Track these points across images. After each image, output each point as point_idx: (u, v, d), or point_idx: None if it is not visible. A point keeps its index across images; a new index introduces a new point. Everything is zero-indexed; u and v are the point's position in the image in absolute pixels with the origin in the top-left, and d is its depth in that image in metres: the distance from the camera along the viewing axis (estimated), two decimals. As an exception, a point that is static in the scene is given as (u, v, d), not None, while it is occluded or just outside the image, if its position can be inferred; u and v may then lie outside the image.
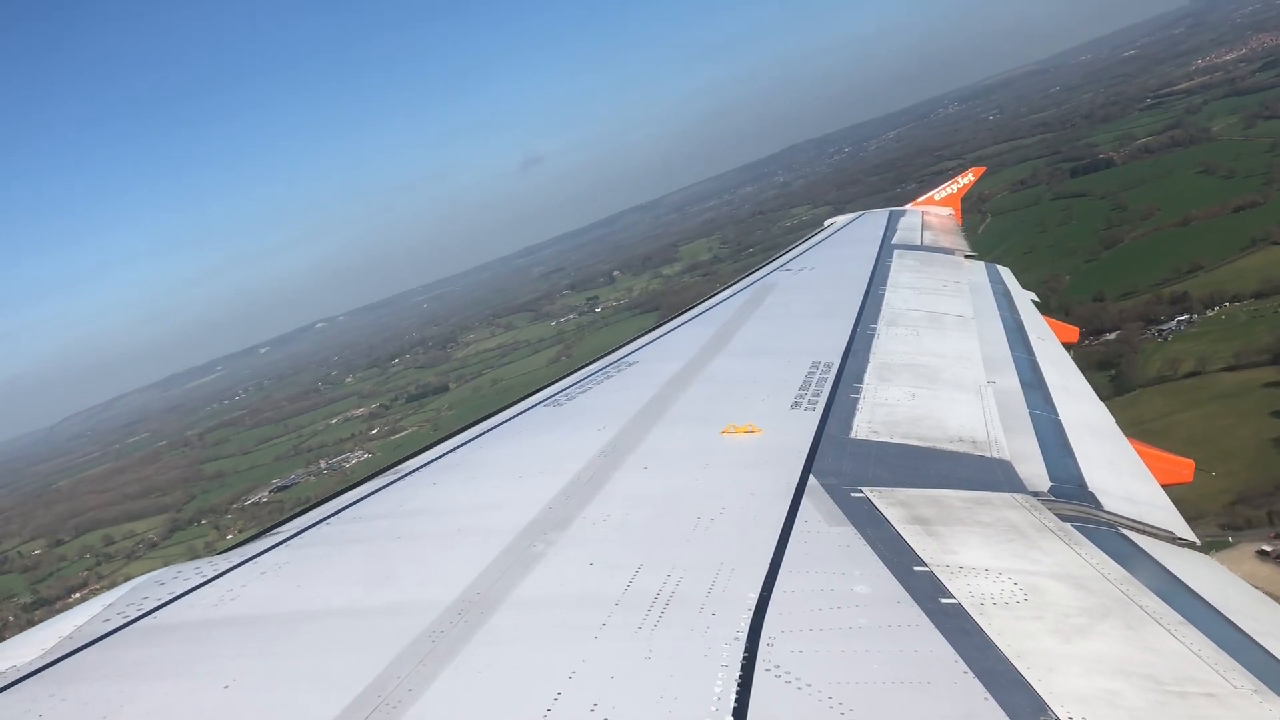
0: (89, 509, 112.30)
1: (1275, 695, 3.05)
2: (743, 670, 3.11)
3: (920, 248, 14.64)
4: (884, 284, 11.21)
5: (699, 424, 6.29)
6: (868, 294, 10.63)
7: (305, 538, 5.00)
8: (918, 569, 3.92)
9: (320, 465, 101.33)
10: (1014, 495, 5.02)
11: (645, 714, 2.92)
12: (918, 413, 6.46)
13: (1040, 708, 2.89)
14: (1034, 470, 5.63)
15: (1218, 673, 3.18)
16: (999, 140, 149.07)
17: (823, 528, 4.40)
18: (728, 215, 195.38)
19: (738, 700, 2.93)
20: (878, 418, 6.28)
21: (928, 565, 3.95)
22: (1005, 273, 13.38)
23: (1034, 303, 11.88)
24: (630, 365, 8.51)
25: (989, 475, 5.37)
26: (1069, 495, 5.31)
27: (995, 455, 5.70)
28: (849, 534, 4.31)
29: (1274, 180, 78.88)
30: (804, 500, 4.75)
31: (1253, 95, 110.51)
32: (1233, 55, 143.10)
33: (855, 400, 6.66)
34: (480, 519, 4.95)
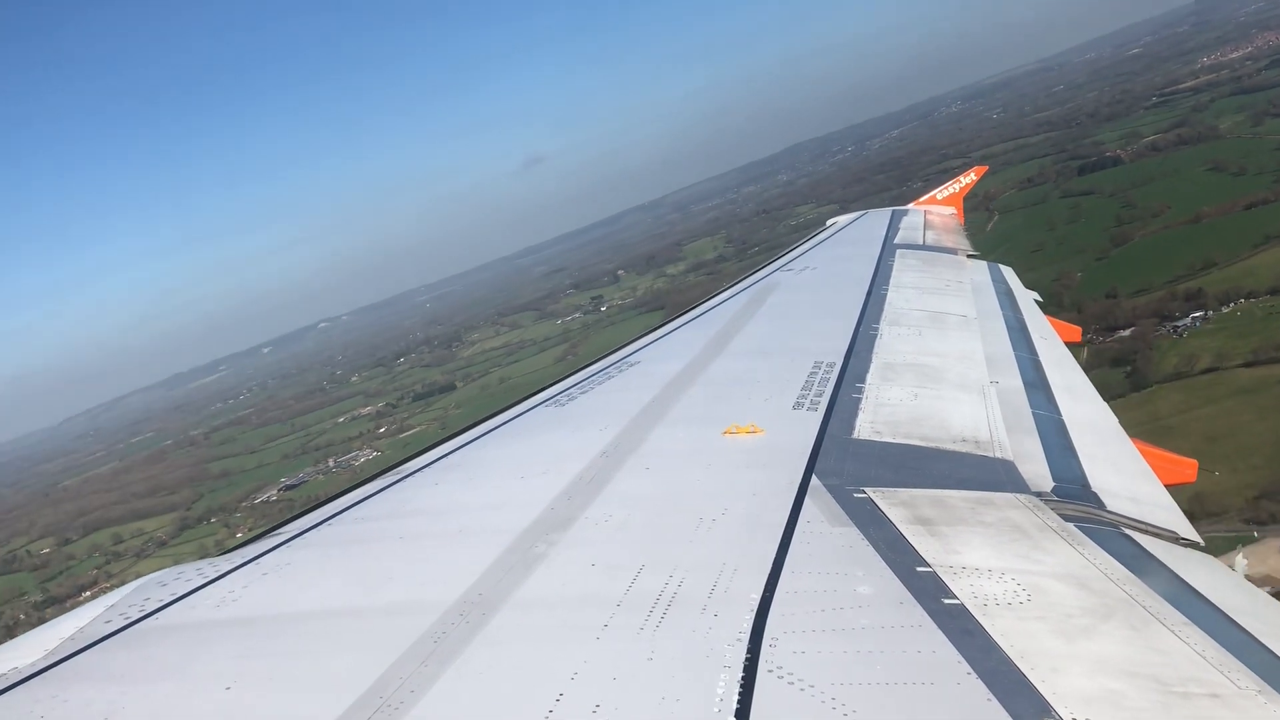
0: (96, 508, 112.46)
1: (1279, 696, 3.04)
2: (745, 671, 3.10)
3: (923, 247, 14.62)
4: (886, 283, 11.20)
5: (701, 424, 6.28)
6: (870, 293, 10.61)
7: (307, 538, 5.00)
8: (921, 570, 3.92)
9: (329, 464, 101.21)
10: (1017, 495, 5.00)
11: (647, 715, 2.91)
12: (920, 413, 6.44)
13: (1044, 709, 2.88)
14: (1037, 470, 5.62)
15: (1221, 673, 3.17)
16: (1004, 139, 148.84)
17: (825, 528, 4.40)
18: (731, 214, 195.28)
19: (740, 701, 2.92)
20: (880, 418, 6.27)
21: (931, 566, 3.95)
22: (1008, 272, 13.36)
23: (1036, 302, 11.86)
24: (632, 365, 8.50)
25: (992, 475, 5.36)
26: (1072, 495, 5.30)
27: (998, 455, 5.69)
28: (851, 534, 4.31)
29: (1286, 178, 78.76)
30: (806, 501, 4.74)
31: (1260, 93, 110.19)
32: (1238, 53, 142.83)
33: (858, 400, 6.64)
34: (482, 519, 4.94)
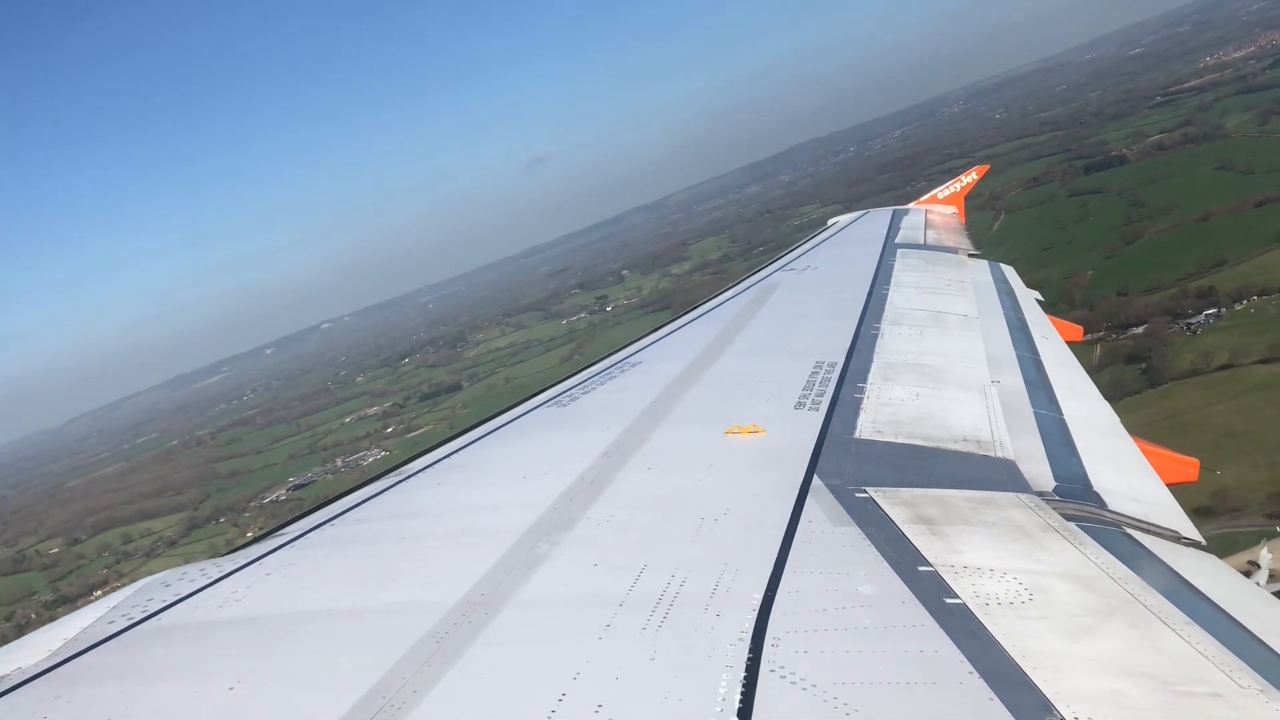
0: (105, 508, 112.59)
1: None
2: (747, 671, 3.11)
3: (924, 246, 14.60)
4: (888, 283, 11.19)
5: (703, 424, 6.28)
6: (871, 293, 10.60)
7: (310, 539, 5.01)
8: (922, 569, 3.91)
9: (337, 463, 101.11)
10: (1019, 495, 5.00)
11: (650, 715, 2.92)
12: (922, 412, 6.44)
13: (1046, 708, 2.88)
14: (1039, 470, 5.62)
15: (1224, 672, 3.16)
16: (1008, 138, 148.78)
17: (827, 528, 4.40)
18: (734, 214, 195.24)
19: (742, 701, 2.93)
20: (882, 417, 6.26)
21: (932, 565, 3.94)
22: (1009, 271, 13.35)
23: (1038, 301, 11.85)
24: (634, 365, 8.50)
25: (993, 475, 5.35)
26: (1074, 495, 5.29)
27: (1000, 455, 5.68)
28: (853, 534, 4.31)
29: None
30: (808, 500, 4.74)
31: (1265, 92, 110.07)
32: (1242, 53, 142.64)
33: (859, 400, 6.64)
34: (484, 520, 4.95)
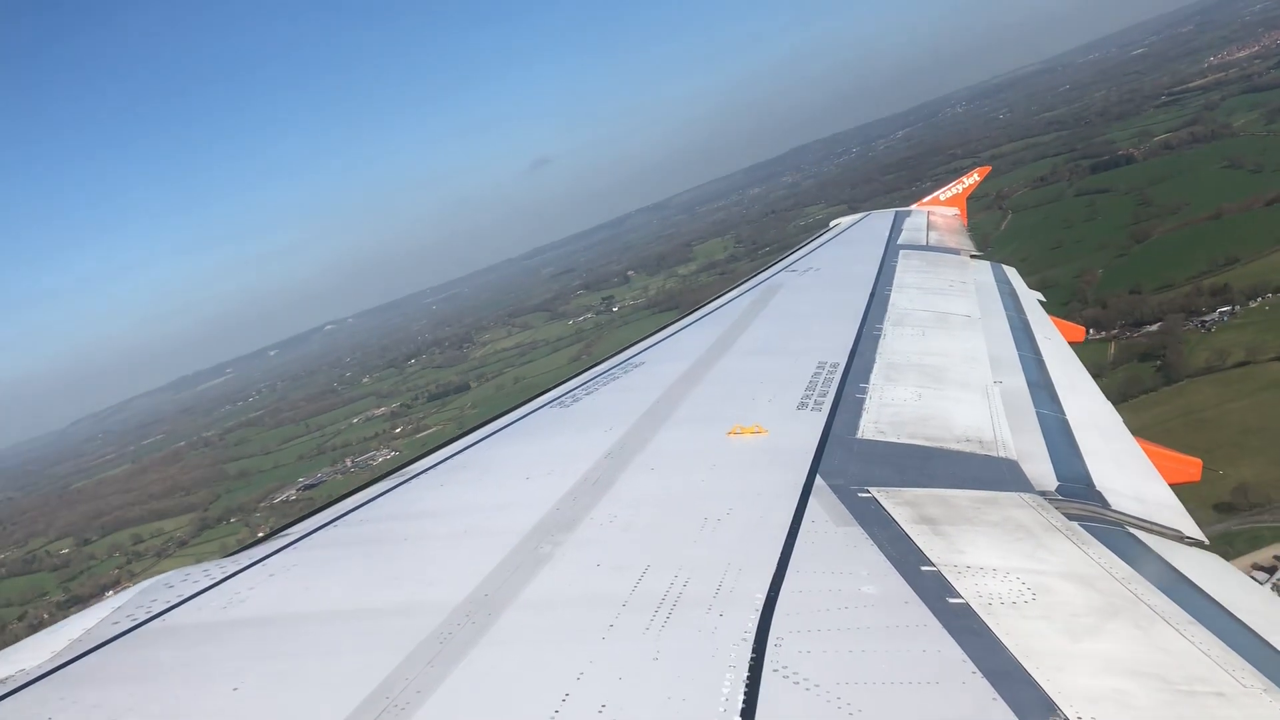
0: (114, 509, 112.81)
1: None
2: (750, 671, 3.11)
3: (926, 248, 14.60)
4: (890, 284, 11.19)
5: (705, 425, 6.29)
6: (873, 294, 10.60)
7: (313, 540, 5.01)
8: (925, 569, 3.91)
9: (347, 463, 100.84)
10: (1021, 495, 5.00)
11: (653, 715, 2.92)
12: (924, 412, 6.44)
13: (1049, 708, 2.88)
14: (1041, 469, 5.62)
15: (1227, 672, 3.16)
16: (1013, 139, 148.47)
17: (830, 528, 4.40)
18: (738, 215, 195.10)
19: (746, 701, 2.93)
20: (884, 418, 6.26)
21: (935, 565, 3.94)
22: (1011, 272, 13.35)
23: (1040, 302, 11.85)
24: (637, 366, 8.51)
25: (996, 475, 5.35)
26: (1076, 494, 5.29)
27: (1002, 455, 5.68)
28: (856, 534, 4.31)
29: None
30: (811, 500, 4.74)
31: (1271, 91, 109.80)
32: (1246, 52, 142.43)
33: (862, 400, 6.64)
34: (487, 520, 4.95)
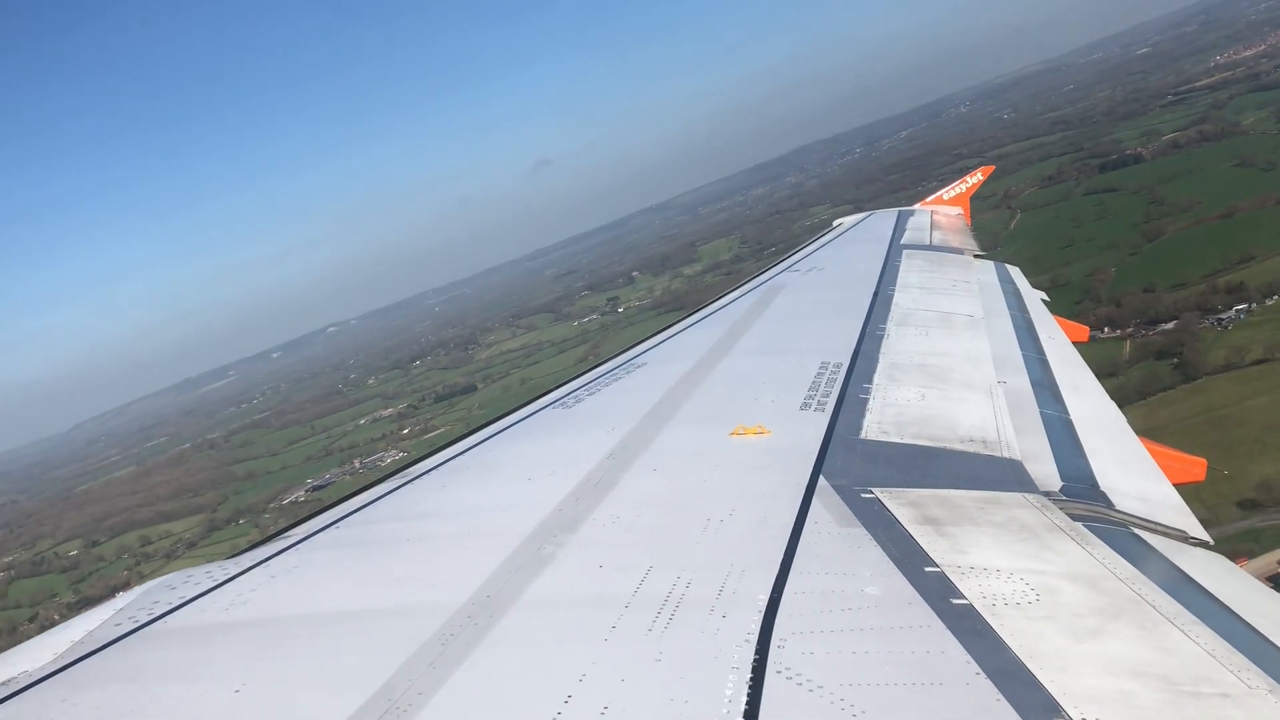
0: (122, 510, 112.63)
1: None
2: (753, 672, 3.10)
3: (929, 247, 14.59)
4: (893, 284, 11.18)
5: (708, 425, 6.28)
6: (877, 294, 10.59)
7: (315, 541, 5.01)
8: (929, 569, 3.91)
9: (355, 464, 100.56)
10: (1025, 495, 4.99)
11: (656, 716, 2.91)
12: (928, 413, 6.43)
13: (1053, 708, 2.87)
14: (1045, 470, 5.60)
15: (1232, 672, 3.15)
16: (1018, 139, 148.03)
17: (833, 528, 4.39)
18: (742, 216, 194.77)
19: (749, 703, 2.92)
20: (888, 418, 6.25)
21: (939, 566, 3.94)
22: (1015, 272, 13.33)
23: (1044, 302, 11.83)
24: (639, 366, 8.51)
25: (1000, 475, 5.34)
26: (1080, 495, 5.28)
27: (1006, 455, 5.67)
28: (859, 535, 4.30)
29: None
30: (814, 501, 4.73)
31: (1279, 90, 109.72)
32: (1252, 51, 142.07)
33: (865, 400, 6.63)
34: (490, 521, 4.95)
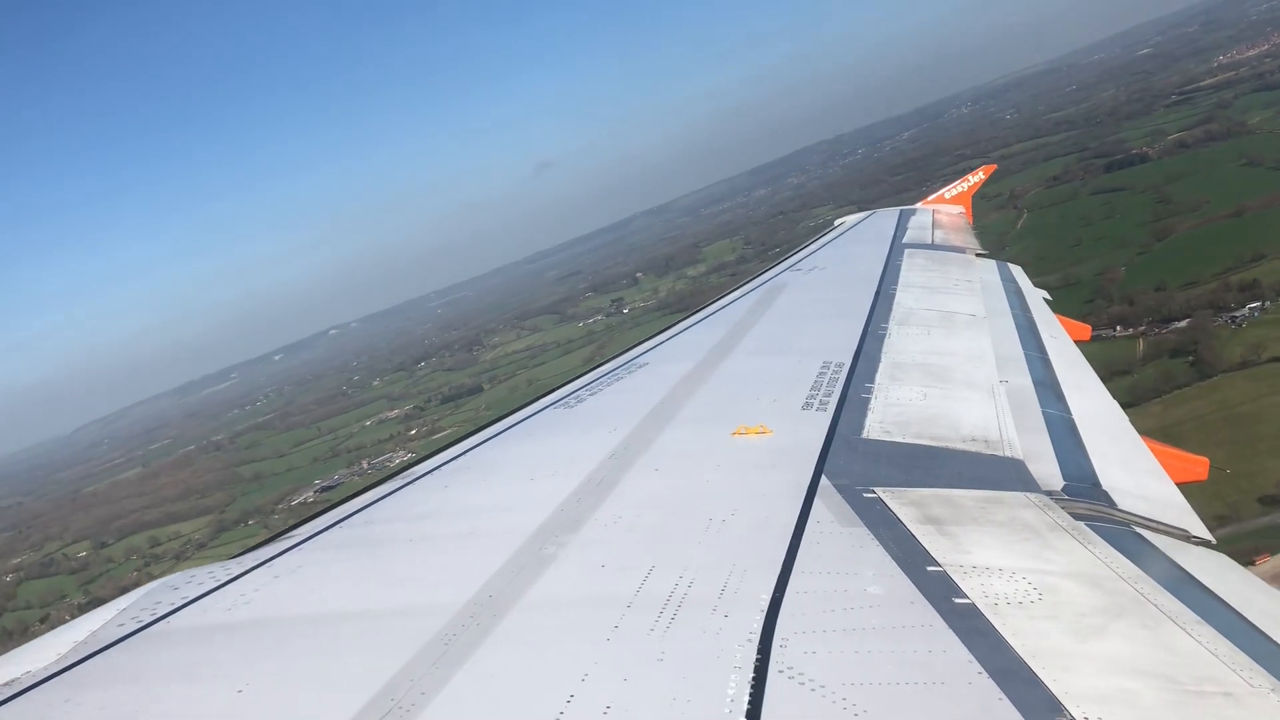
0: (129, 512, 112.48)
1: None
2: (756, 672, 3.10)
3: (931, 246, 14.58)
4: (895, 283, 11.17)
5: (710, 425, 6.28)
6: (878, 293, 10.58)
7: (318, 541, 5.02)
8: (931, 569, 3.90)
9: (363, 465, 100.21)
10: (1027, 494, 4.99)
11: (658, 716, 2.91)
12: (930, 412, 6.42)
13: (1056, 708, 2.87)
14: (1047, 469, 5.60)
15: (1235, 672, 3.15)
16: (1022, 139, 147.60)
17: (835, 528, 4.39)
18: (744, 217, 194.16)
19: (751, 702, 2.92)
20: (889, 417, 6.25)
21: (941, 565, 3.93)
22: (1017, 271, 13.32)
23: (1046, 300, 11.82)
24: (641, 366, 8.51)
25: (1002, 474, 5.34)
26: (1083, 494, 5.27)
27: (1008, 454, 5.67)
28: (861, 534, 4.30)
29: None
30: (816, 501, 4.73)
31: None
32: (1256, 51, 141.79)
33: (867, 400, 6.63)
34: (492, 521, 4.95)
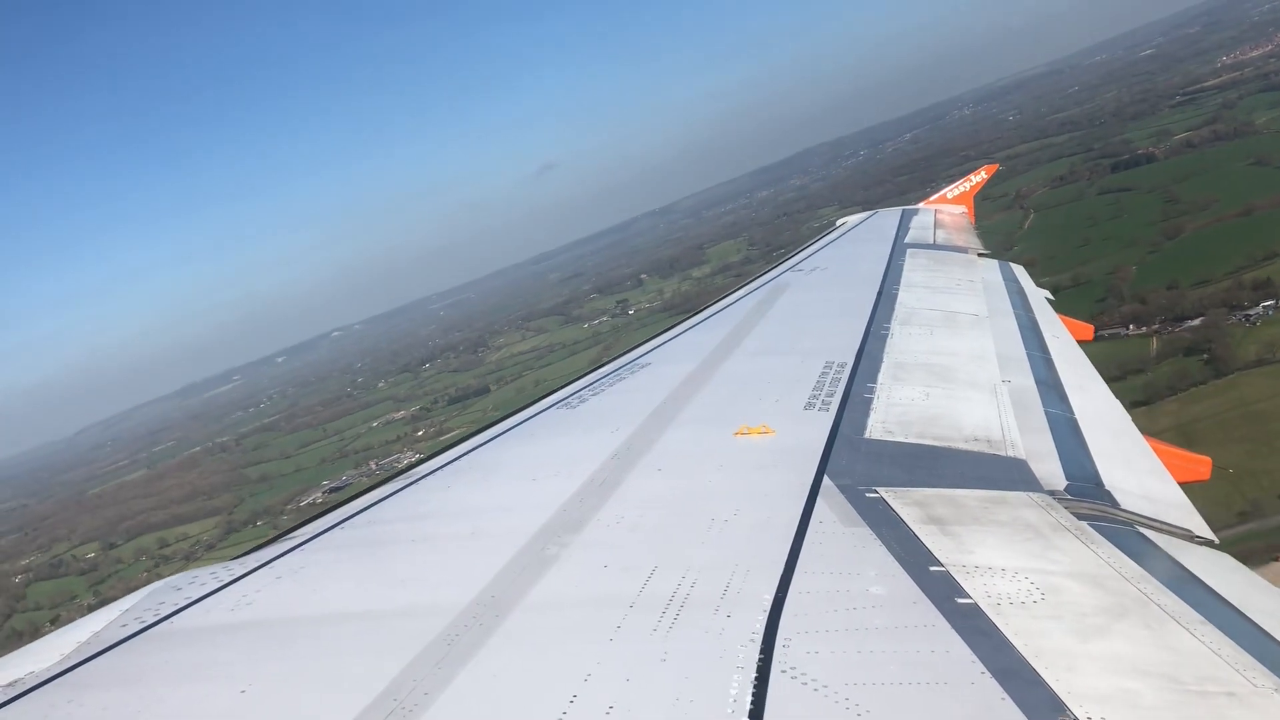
0: (137, 513, 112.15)
1: None
2: (758, 672, 3.09)
3: (933, 246, 14.57)
4: (897, 283, 11.17)
5: (712, 425, 6.28)
6: (881, 293, 10.58)
7: (321, 541, 5.02)
8: (934, 569, 3.90)
9: (371, 466, 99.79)
10: (1030, 494, 4.98)
11: (661, 716, 2.91)
12: (932, 412, 6.42)
13: (1059, 708, 2.87)
14: (1050, 469, 5.59)
15: (1238, 672, 3.14)
16: (1025, 139, 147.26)
17: (838, 528, 4.38)
18: (748, 218, 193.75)
19: (754, 702, 2.92)
20: (892, 417, 6.24)
21: (944, 565, 3.93)
22: (1019, 270, 13.32)
23: (1048, 300, 11.81)
24: (643, 367, 8.51)
25: (1005, 474, 5.33)
26: (1085, 494, 5.26)
27: (1011, 454, 5.66)
28: (864, 534, 4.29)
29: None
30: (818, 501, 4.72)
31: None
32: (1260, 52, 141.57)
33: (869, 400, 6.62)
34: (494, 522, 4.95)
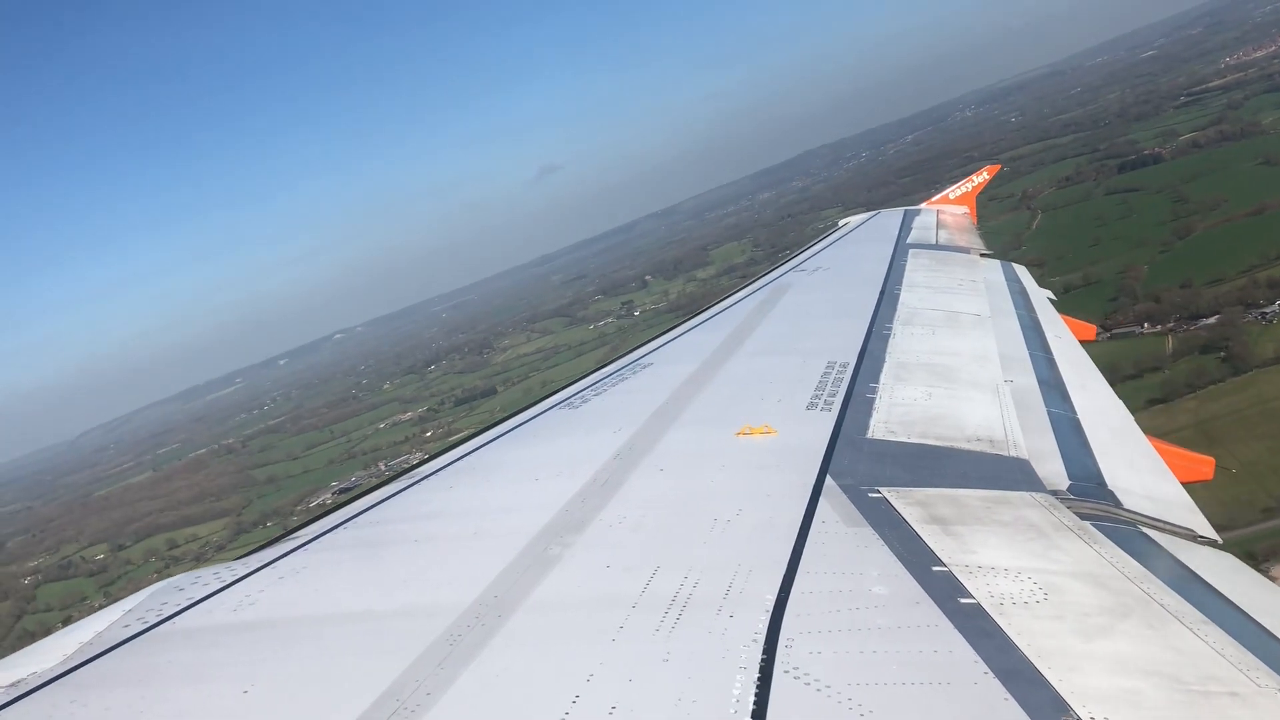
0: (145, 515, 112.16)
1: None
2: (761, 672, 3.09)
3: (936, 246, 14.57)
4: (899, 283, 11.16)
5: (714, 425, 6.28)
6: (883, 293, 10.58)
7: (323, 542, 5.03)
8: (936, 569, 3.90)
9: (380, 467, 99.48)
10: (1033, 494, 4.98)
11: (664, 716, 2.91)
12: (935, 412, 6.42)
13: (1062, 708, 2.87)
14: (1053, 469, 5.58)
15: (1241, 671, 3.14)
16: (1029, 141, 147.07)
17: (840, 528, 4.38)
18: (750, 220, 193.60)
19: (756, 702, 2.92)
20: (894, 417, 6.24)
21: (946, 565, 3.93)
22: (1021, 270, 13.31)
23: (1050, 300, 11.81)
24: (645, 367, 8.51)
25: (1007, 474, 5.33)
26: (1088, 494, 5.26)
27: (1013, 454, 5.66)
28: (867, 534, 4.29)
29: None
30: (821, 501, 4.72)
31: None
32: (1263, 52, 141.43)
33: (871, 400, 6.62)
34: (497, 522, 4.96)
